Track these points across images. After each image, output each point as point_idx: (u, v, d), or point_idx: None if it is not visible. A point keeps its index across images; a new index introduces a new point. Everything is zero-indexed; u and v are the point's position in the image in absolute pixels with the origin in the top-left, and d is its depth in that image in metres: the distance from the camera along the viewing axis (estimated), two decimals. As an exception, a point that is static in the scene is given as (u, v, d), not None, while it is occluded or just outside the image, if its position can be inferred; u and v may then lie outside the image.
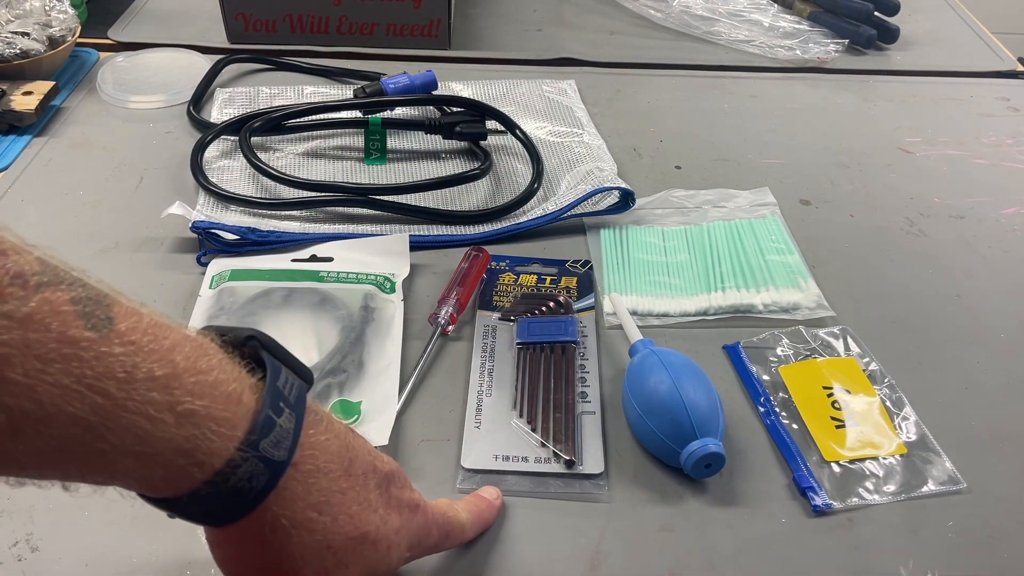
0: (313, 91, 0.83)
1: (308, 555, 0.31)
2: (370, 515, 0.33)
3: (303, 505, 0.31)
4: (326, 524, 0.32)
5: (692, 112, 0.84)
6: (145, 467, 0.27)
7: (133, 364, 0.26)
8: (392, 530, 0.35)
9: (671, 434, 0.47)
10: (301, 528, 0.31)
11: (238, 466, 0.29)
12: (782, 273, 0.63)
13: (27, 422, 0.24)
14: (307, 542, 0.31)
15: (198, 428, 0.28)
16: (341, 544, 0.32)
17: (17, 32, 0.78)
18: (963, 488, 0.49)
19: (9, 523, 0.44)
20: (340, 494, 0.32)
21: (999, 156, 0.80)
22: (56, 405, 0.25)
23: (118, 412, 0.26)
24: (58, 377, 0.24)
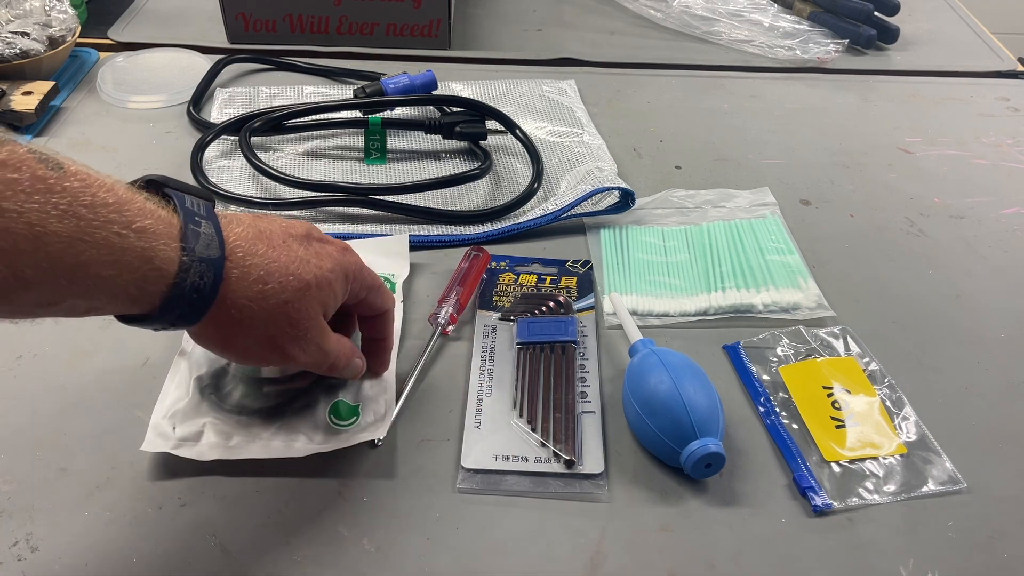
0: (313, 91, 0.83)
1: (272, 315, 0.41)
2: (304, 267, 0.42)
3: (249, 283, 0.40)
4: (274, 288, 0.41)
5: (692, 112, 0.85)
6: (121, 276, 0.34)
7: (92, 194, 0.33)
8: (327, 270, 0.43)
9: (671, 434, 0.47)
10: (257, 300, 0.40)
11: (188, 268, 0.36)
12: (782, 273, 0.63)
13: (26, 243, 0.30)
14: (267, 307, 0.40)
15: (152, 241, 0.35)
16: (293, 297, 0.41)
17: (17, 32, 0.78)
18: (963, 488, 0.49)
19: (9, 523, 0.44)
20: (274, 262, 0.41)
21: (999, 156, 0.80)
22: (43, 226, 0.31)
23: (92, 229, 0.33)
24: (40, 205, 0.31)
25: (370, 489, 0.47)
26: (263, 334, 0.41)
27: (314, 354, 0.44)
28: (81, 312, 0.36)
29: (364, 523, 0.45)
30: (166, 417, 0.49)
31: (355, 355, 0.48)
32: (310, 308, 0.43)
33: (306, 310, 0.42)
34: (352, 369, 0.48)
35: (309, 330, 0.43)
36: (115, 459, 0.48)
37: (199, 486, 0.47)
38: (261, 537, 0.44)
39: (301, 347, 0.43)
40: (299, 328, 0.42)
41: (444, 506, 0.46)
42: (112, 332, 0.56)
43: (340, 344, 0.47)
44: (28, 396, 0.51)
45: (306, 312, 0.42)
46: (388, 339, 0.52)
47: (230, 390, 0.50)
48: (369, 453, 0.49)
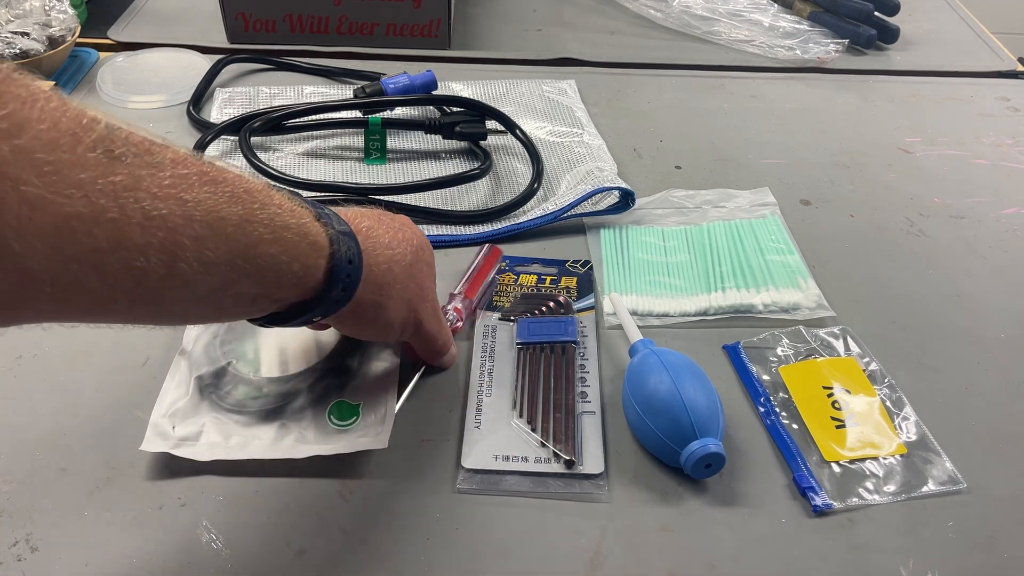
0: (313, 91, 0.83)
1: (406, 275, 0.46)
2: (402, 234, 0.47)
3: (381, 250, 0.44)
4: (400, 252, 0.45)
5: (692, 112, 0.85)
6: (286, 252, 0.36)
7: (245, 182, 0.35)
8: (418, 234, 0.49)
9: (671, 434, 0.47)
10: (391, 262, 0.44)
11: (336, 240, 0.39)
12: (782, 273, 0.63)
13: (206, 228, 0.32)
14: (402, 268, 0.45)
15: (302, 219, 0.38)
16: (414, 258, 0.47)
17: (17, 32, 0.78)
18: (963, 488, 0.49)
19: (9, 523, 0.44)
20: (385, 233, 0.45)
21: (999, 156, 0.80)
22: (218, 211, 0.33)
23: (255, 211, 0.35)
24: (211, 194, 0.33)
25: (370, 489, 0.47)
26: (403, 297, 0.45)
27: (435, 323, 0.49)
28: (247, 302, 0.37)
29: (364, 523, 0.45)
30: (166, 417, 0.49)
31: (453, 344, 0.53)
32: (425, 270, 0.48)
33: (424, 272, 0.48)
34: (451, 358, 0.53)
35: (429, 291, 0.48)
36: (115, 459, 0.48)
37: (199, 486, 0.47)
38: (261, 537, 0.44)
39: (428, 312, 0.48)
40: (424, 289, 0.48)
41: (444, 506, 0.46)
42: (112, 332, 0.56)
43: (446, 327, 0.52)
44: (28, 396, 0.51)
45: (425, 273, 0.48)
46: None
47: (230, 390, 0.50)
48: (369, 453, 0.48)
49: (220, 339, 0.53)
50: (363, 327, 0.46)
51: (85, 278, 0.28)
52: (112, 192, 0.28)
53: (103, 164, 0.28)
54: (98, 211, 0.28)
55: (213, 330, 0.54)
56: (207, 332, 0.54)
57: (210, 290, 0.34)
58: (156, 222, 0.30)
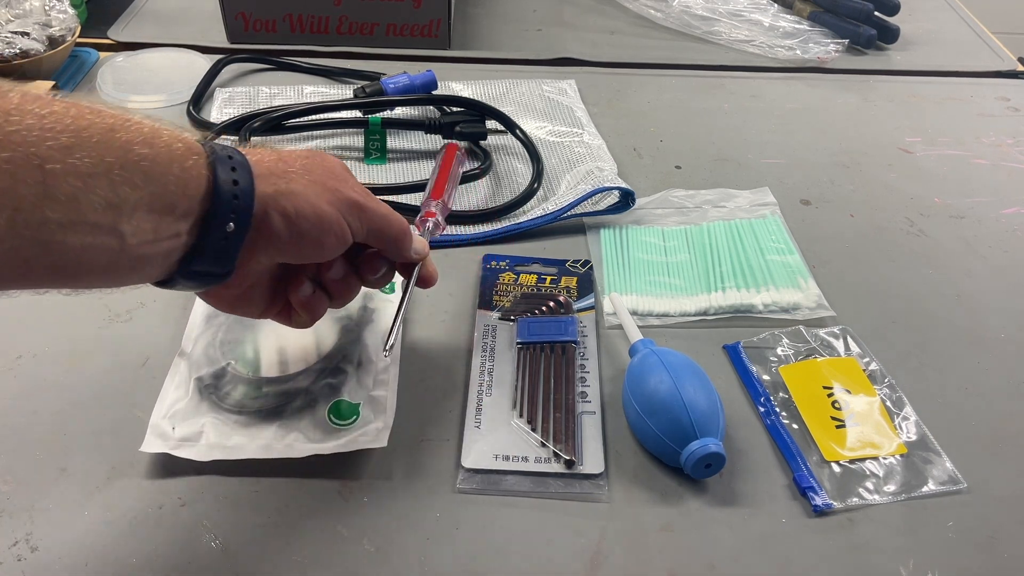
0: (313, 91, 0.83)
1: (311, 172, 0.42)
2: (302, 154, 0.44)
3: (273, 162, 0.41)
4: (293, 159, 0.42)
5: (692, 112, 0.85)
6: (159, 155, 0.35)
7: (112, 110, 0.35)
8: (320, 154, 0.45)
9: (671, 434, 0.47)
10: (289, 164, 0.42)
11: (213, 152, 0.38)
12: (782, 273, 0.63)
13: (70, 137, 0.32)
14: (301, 167, 0.42)
15: (178, 133, 0.38)
16: (312, 163, 0.43)
17: (17, 32, 0.78)
18: (963, 488, 0.49)
19: (9, 523, 0.44)
20: (282, 152, 0.43)
21: (999, 156, 0.80)
22: (81, 119, 0.33)
23: (122, 124, 0.34)
24: (77, 111, 0.33)
25: (370, 489, 0.47)
26: (312, 180, 0.42)
27: (374, 203, 0.45)
28: (149, 228, 0.35)
29: (364, 523, 0.45)
30: (166, 417, 0.49)
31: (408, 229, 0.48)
32: (332, 164, 0.44)
33: (330, 162, 0.44)
34: (419, 242, 0.49)
35: (348, 178, 0.45)
36: (115, 459, 0.48)
37: (199, 486, 0.47)
38: (261, 537, 0.44)
39: (355, 189, 0.44)
40: (336, 173, 0.44)
41: (444, 506, 0.46)
42: (112, 332, 0.56)
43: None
44: (28, 396, 0.51)
45: (333, 164, 0.44)
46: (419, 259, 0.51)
47: (230, 390, 0.50)
48: (369, 453, 0.48)
49: (220, 340, 0.53)
50: (299, 235, 0.41)
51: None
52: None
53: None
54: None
55: (213, 331, 0.54)
56: (207, 333, 0.54)
57: (100, 210, 0.33)
58: (13, 138, 0.29)
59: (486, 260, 0.63)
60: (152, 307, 0.58)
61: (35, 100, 0.31)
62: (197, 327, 0.55)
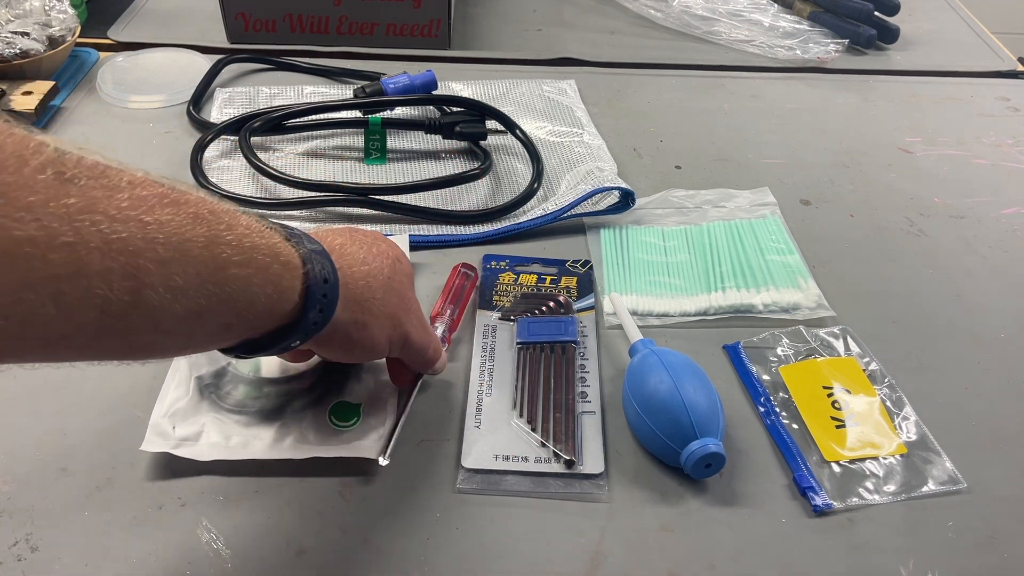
0: (313, 91, 0.83)
1: (386, 289, 0.44)
2: (376, 247, 0.46)
3: (357, 266, 0.43)
4: (376, 267, 0.44)
5: (692, 112, 0.85)
6: (257, 275, 0.35)
7: (208, 202, 0.34)
8: (390, 246, 0.48)
9: (671, 434, 0.47)
10: (368, 278, 0.43)
11: (309, 259, 0.38)
12: (782, 273, 0.63)
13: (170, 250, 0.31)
14: (380, 282, 0.44)
15: (271, 239, 0.37)
16: (391, 271, 0.45)
17: (17, 32, 0.78)
18: (963, 488, 0.49)
19: (9, 523, 0.44)
20: (360, 249, 0.44)
21: (999, 156, 0.80)
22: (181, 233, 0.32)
23: (221, 231, 0.34)
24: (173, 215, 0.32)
25: (370, 489, 0.47)
26: (385, 313, 0.44)
27: (422, 333, 0.48)
28: (220, 331, 0.36)
29: (364, 523, 0.45)
30: (166, 417, 0.49)
31: (443, 349, 0.52)
32: (404, 281, 0.47)
33: (404, 284, 0.47)
34: (442, 363, 0.52)
35: (412, 302, 0.47)
36: (115, 459, 0.48)
37: (199, 486, 0.47)
38: (261, 537, 0.44)
39: (414, 323, 0.47)
40: (406, 301, 0.46)
41: (444, 506, 0.46)
42: (112, 332, 0.56)
43: (434, 333, 0.51)
44: (28, 396, 0.51)
45: (405, 285, 0.47)
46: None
47: (230, 390, 0.50)
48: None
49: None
50: (347, 350, 0.44)
51: (43, 309, 0.27)
52: (66, 215, 0.27)
53: (54, 186, 0.27)
54: (52, 235, 0.26)
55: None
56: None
57: (179, 319, 0.32)
58: (116, 245, 0.29)
59: (486, 260, 0.63)
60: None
61: (140, 203, 0.30)
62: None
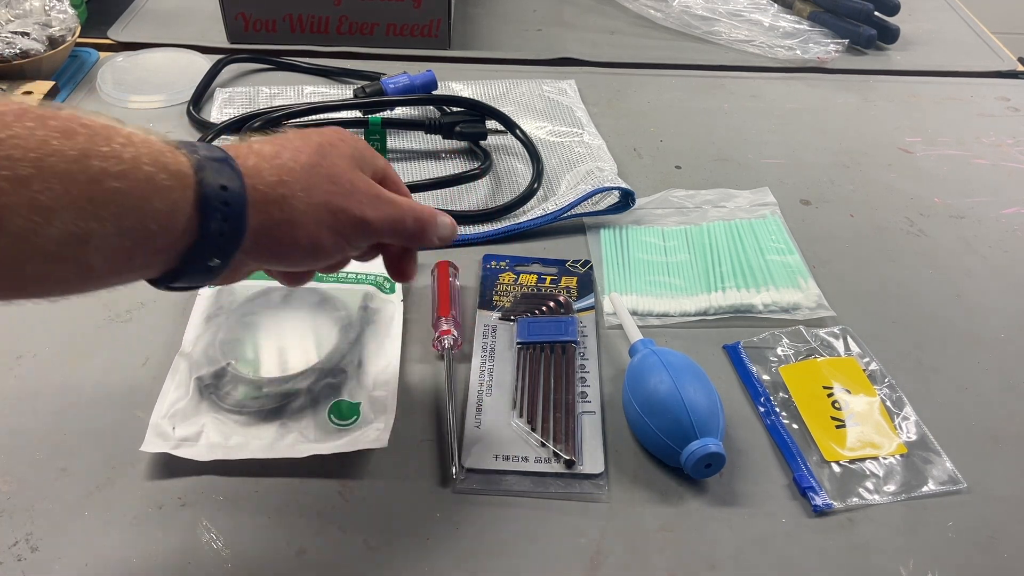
0: (313, 91, 0.83)
1: (308, 180, 0.38)
2: (307, 139, 0.40)
3: (267, 160, 0.38)
4: (290, 156, 0.38)
5: (692, 112, 0.85)
6: (139, 188, 0.32)
7: (82, 118, 0.32)
8: (331, 132, 0.42)
9: (671, 434, 0.47)
10: (283, 172, 0.38)
11: (202, 167, 0.35)
12: (782, 273, 0.63)
13: (32, 166, 0.29)
14: (299, 175, 0.38)
15: (156, 147, 0.34)
16: (314, 159, 0.39)
17: (17, 32, 0.78)
18: (963, 488, 0.49)
19: (9, 523, 0.44)
20: (280, 146, 0.39)
21: (999, 156, 0.80)
22: (46, 144, 0.30)
23: (94, 145, 0.31)
24: (36, 126, 0.30)
25: (370, 489, 0.47)
26: (315, 203, 0.38)
27: (385, 207, 0.41)
28: (121, 257, 0.33)
29: (364, 523, 0.45)
30: (166, 417, 0.49)
31: (438, 213, 0.44)
32: (339, 162, 0.40)
33: (336, 164, 0.40)
34: (445, 227, 0.44)
35: (354, 181, 0.40)
36: (115, 459, 0.48)
37: (199, 486, 0.47)
38: (261, 537, 0.44)
39: (363, 201, 0.40)
40: (340, 181, 0.40)
41: (444, 506, 0.46)
42: (112, 332, 0.56)
43: (410, 200, 0.43)
44: (28, 396, 0.51)
45: (338, 166, 0.40)
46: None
47: (229, 390, 0.50)
48: (369, 453, 0.48)
49: (220, 339, 0.53)
50: (285, 256, 0.40)
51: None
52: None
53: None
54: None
55: (213, 330, 0.54)
56: (207, 333, 0.54)
57: (61, 243, 0.30)
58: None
59: (486, 260, 0.63)
60: (152, 307, 0.58)
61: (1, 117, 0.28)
62: (197, 327, 0.55)
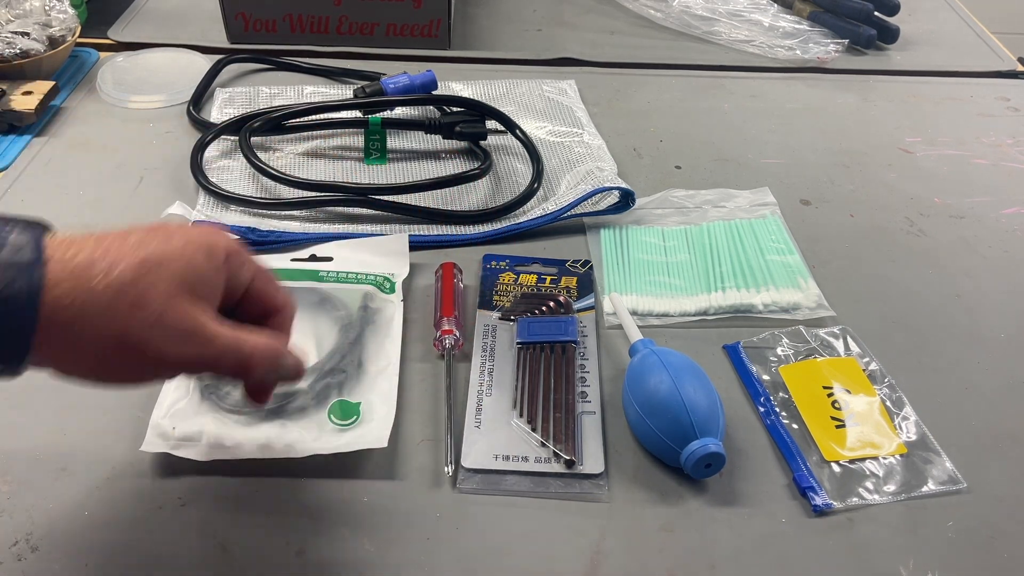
0: (313, 91, 0.83)
1: (110, 304, 0.34)
2: (141, 247, 0.35)
3: (74, 274, 0.33)
4: (102, 271, 0.34)
5: (692, 112, 0.85)
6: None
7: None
8: (176, 246, 0.36)
9: (671, 434, 0.47)
10: (85, 290, 0.33)
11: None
12: (782, 273, 0.63)
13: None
14: (99, 296, 0.34)
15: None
16: (131, 276, 0.34)
17: (17, 32, 0.78)
18: (963, 488, 0.49)
19: (9, 523, 0.44)
20: (104, 251, 0.34)
21: (999, 156, 0.80)
22: None
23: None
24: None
25: (370, 489, 0.47)
26: (108, 333, 0.34)
27: (192, 344, 0.36)
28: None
29: (364, 523, 0.45)
30: (166, 417, 0.49)
31: (280, 352, 0.40)
32: (158, 284, 0.35)
33: (153, 287, 0.34)
34: (285, 368, 0.40)
35: (165, 312, 0.35)
36: (115, 459, 0.48)
37: (199, 486, 0.47)
38: (261, 537, 0.44)
39: (165, 335, 0.35)
40: (148, 309, 0.34)
41: (444, 506, 0.46)
42: (112, 332, 0.56)
43: (241, 334, 0.38)
44: (28, 396, 0.51)
45: (154, 290, 0.34)
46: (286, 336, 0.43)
47: (230, 390, 0.50)
48: (369, 453, 0.48)
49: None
50: (82, 381, 0.36)
51: None
52: None
53: None
54: None
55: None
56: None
57: None
58: None
59: (486, 260, 0.63)
60: None
61: None
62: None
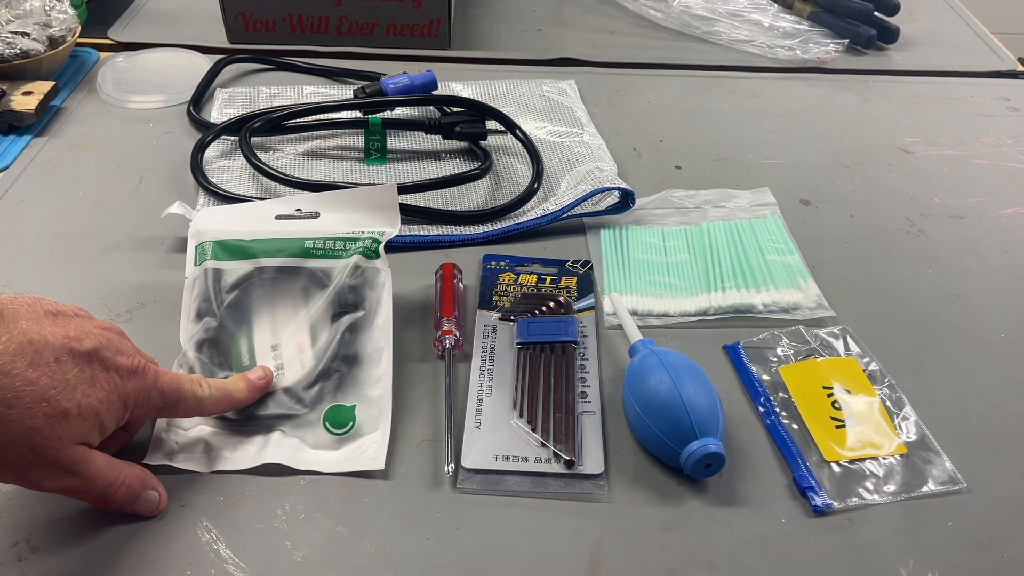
0: (313, 91, 0.83)
1: (12, 440, 0.38)
2: (66, 394, 0.39)
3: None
4: (19, 414, 0.37)
5: (692, 112, 0.85)
6: None
7: None
8: (97, 399, 0.40)
9: (671, 434, 0.47)
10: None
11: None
12: (782, 273, 0.63)
13: None
14: (6, 432, 0.37)
15: None
16: (43, 424, 0.38)
17: (17, 32, 0.78)
18: (963, 488, 0.49)
19: (9, 523, 0.44)
20: (30, 385, 0.38)
21: (999, 156, 0.80)
22: None
23: None
24: None
25: (370, 489, 0.47)
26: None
27: (69, 481, 0.41)
28: None
29: (364, 523, 0.45)
30: (167, 429, 0.49)
31: (146, 485, 0.44)
32: (62, 437, 0.39)
33: (56, 439, 0.39)
34: (143, 502, 0.44)
35: (58, 459, 0.40)
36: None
37: (199, 486, 0.47)
38: (261, 537, 0.44)
39: (48, 474, 0.40)
40: (44, 457, 0.39)
41: (444, 506, 0.47)
42: (112, 332, 0.56)
43: (115, 470, 0.43)
44: (28, 396, 0.51)
45: (56, 441, 0.39)
46: None
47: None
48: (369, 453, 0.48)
49: (216, 341, 0.53)
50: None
51: None
52: None
53: None
54: None
55: (203, 331, 0.53)
56: (199, 331, 0.53)
57: None
58: None
59: (486, 260, 0.63)
60: (152, 307, 0.58)
61: None
62: (188, 326, 0.54)
